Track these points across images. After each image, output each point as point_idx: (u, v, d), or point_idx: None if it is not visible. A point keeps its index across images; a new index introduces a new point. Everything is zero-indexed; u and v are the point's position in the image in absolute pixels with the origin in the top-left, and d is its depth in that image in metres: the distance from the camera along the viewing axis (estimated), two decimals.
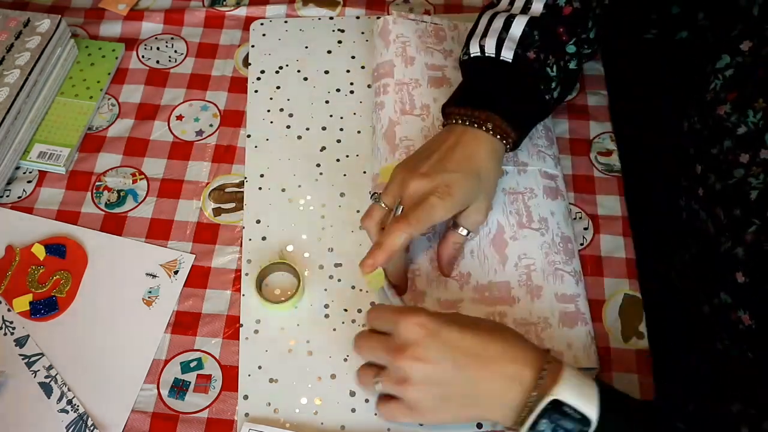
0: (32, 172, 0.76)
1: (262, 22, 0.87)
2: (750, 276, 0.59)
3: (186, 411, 0.63)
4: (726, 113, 0.62)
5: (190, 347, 0.66)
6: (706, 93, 0.65)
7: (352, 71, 0.83)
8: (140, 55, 0.85)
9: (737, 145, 0.61)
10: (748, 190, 0.60)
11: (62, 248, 0.71)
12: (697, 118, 0.66)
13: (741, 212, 0.61)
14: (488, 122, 0.65)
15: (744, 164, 0.60)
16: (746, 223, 0.60)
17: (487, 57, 0.69)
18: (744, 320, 0.59)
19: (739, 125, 0.61)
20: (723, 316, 0.62)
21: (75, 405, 0.63)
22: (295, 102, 0.81)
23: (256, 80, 0.82)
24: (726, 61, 0.63)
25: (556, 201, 0.72)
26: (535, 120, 0.71)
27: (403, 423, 0.61)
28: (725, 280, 0.61)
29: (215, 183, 0.76)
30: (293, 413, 0.63)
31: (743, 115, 0.61)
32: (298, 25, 0.87)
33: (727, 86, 0.63)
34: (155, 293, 0.69)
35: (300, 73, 0.83)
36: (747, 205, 0.60)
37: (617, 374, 0.65)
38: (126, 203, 0.74)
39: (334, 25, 0.87)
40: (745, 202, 0.60)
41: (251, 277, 0.69)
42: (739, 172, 0.61)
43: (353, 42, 0.86)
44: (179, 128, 0.80)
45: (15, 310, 0.67)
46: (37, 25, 0.79)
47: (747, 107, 0.60)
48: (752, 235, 0.59)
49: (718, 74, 0.64)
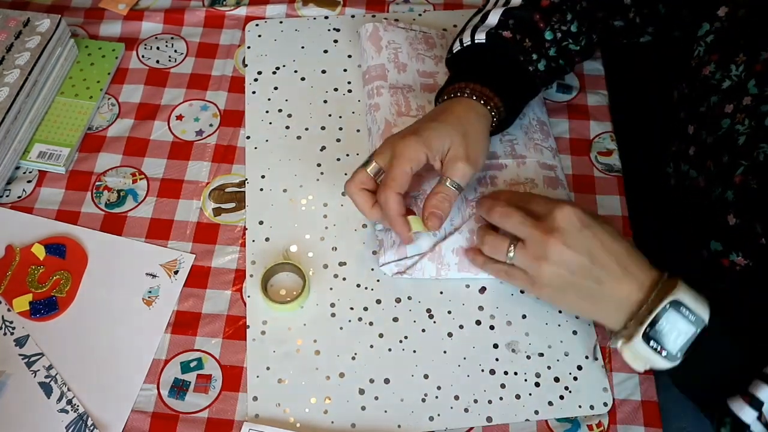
0: (32, 171, 0.76)
1: (258, 23, 0.87)
2: (740, 216, 0.62)
3: (186, 411, 0.63)
4: (710, 72, 0.66)
5: (190, 347, 0.66)
6: (691, 60, 0.68)
7: (350, 70, 0.83)
8: (140, 55, 0.85)
9: (723, 98, 0.65)
10: (736, 137, 0.63)
11: (62, 248, 0.71)
12: (685, 83, 0.70)
13: (729, 158, 0.64)
14: (466, 89, 0.68)
15: (729, 114, 0.64)
16: (735, 166, 0.63)
17: (465, 47, 0.72)
18: (738, 263, 0.63)
19: (724, 80, 0.65)
20: (715, 265, 0.65)
21: (75, 405, 0.63)
22: (293, 102, 0.81)
23: (253, 81, 0.82)
24: (706, 29, 0.67)
25: (556, 190, 0.73)
26: (521, 90, 0.73)
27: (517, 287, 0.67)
28: (717, 227, 0.64)
29: (215, 183, 0.76)
30: (303, 413, 0.63)
31: (726, 71, 0.64)
32: (293, 25, 0.87)
33: (710, 50, 0.67)
34: (155, 293, 0.69)
35: (297, 74, 0.83)
36: (735, 149, 0.63)
37: (616, 374, 0.65)
38: (126, 203, 0.74)
39: (330, 24, 0.87)
40: (733, 147, 0.63)
41: (256, 278, 0.69)
42: (726, 122, 0.64)
43: (349, 41, 0.86)
44: (179, 128, 0.80)
45: (15, 310, 0.67)
46: (36, 24, 0.79)
47: (729, 63, 0.64)
48: (741, 176, 0.62)
49: (701, 41, 0.68)
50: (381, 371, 0.65)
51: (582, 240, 0.60)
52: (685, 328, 0.57)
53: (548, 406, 0.64)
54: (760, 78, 0.62)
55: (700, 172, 0.68)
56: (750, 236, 0.62)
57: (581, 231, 0.60)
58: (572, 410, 0.64)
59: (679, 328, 0.57)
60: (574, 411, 0.64)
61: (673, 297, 0.57)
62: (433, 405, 0.64)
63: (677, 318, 0.57)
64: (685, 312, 0.57)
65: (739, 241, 0.63)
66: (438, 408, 0.64)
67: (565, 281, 0.61)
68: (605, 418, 0.63)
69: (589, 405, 0.64)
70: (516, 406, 0.64)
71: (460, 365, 0.66)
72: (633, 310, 0.59)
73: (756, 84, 0.62)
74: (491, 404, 0.64)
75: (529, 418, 0.63)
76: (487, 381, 0.65)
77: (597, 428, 0.63)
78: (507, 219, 0.63)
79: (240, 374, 0.65)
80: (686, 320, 0.57)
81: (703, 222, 0.67)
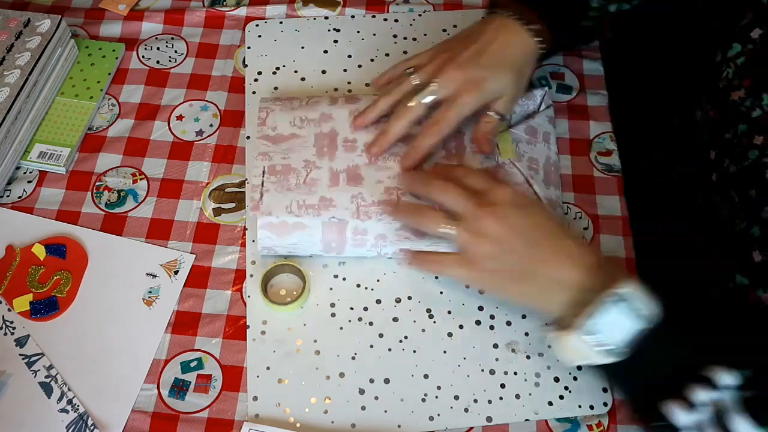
0: (32, 172, 0.77)
1: (258, 23, 0.87)
2: (766, 254, 0.60)
3: (186, 411, 0.63)
4: (740, 98, 0.64)
5: (190, 347, 0.66)
6: (719, 81, 0.67)
7: (350, 70, 0.83)
8: (140, 55, 0.85)
9: (752, 128, 0.63)
10: (763, 171, 0.61)
11: (62, 248, 0.71)
12: (711, 106, 0.68)
13: (756, 192, 0.62)
14: (534, 23, 0.68)
15: (758, 146, 0.62)
16: (762, 202, 0.61)
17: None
18: (765, 299, 0.60)
19: (754, 109, 0.63)
20: (741, 298, 0.63)
21: (75, 405, 0.63)
22: None
23: (253, 81, 0.82)
24: (737, 50, 0.65)
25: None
26: (570, 41, 0.75)
27: (451, 278, 0.65)
28: (741, 260, 0.62)
29: (215, 183, 0.76)
30: (303, 413, 0.63)
31: (758, 99, 0.62)
32: (293, 25, 0.87)
33: (740, 73, 0.65)
34: (155, 293, 0.69)
35: (297, 74, 0.83)
36: (763, 184, 0.61)
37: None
38: (126, 203, 0.74)
39: (330, 24, 0.87)
40: (761, 182, 0.61)
41: (256, 278, 0.69)
42: (754, 153, 0.62)
43: (349, 41, 0.86)
44: (179, 128, 0.80)
45: (15, 310, 0.67)
46: (37, 25, 0.79)
47: (761, 91, 0.62)
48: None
49: (730, 63, 0.66)
50: (381, 371, 0.65)
51: (521, 218, 0.60)
52: (626, 323, 0.54)
53: (548, 406, 0.64)
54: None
55: (724, 202, 0.66)
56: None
57: (519, 209, 0.60)
58: (572, 410, 0.64)
59: (620, 322, 0.54)
60: (573, 411, 0.64)
61: (620, 289, 0.54)
62: (433, 405, 0.64)
63: (623, 311, 0.54)
64: (633, 306, 0.54)
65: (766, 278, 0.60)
66: (438, 408, 0.64)
67: (502, 260, 0.59)
68: (605, 418, 0.63)
69: (589, 405, 0.64)
70: (516, 406, 0.64)
71: (460, 365, 0.66)
72: (574, 295, 0.57)
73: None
74: (491, 404, 0.64)
75: (529, 418, 0.63)
76: (487, 381, 0.65)
77: (597, 428, 0.63)
78: (445, 193, 0.62)
79: (240, 374, 0.65)
80: (633, 315, 0.54)
81: (725, 251, 0.66)
